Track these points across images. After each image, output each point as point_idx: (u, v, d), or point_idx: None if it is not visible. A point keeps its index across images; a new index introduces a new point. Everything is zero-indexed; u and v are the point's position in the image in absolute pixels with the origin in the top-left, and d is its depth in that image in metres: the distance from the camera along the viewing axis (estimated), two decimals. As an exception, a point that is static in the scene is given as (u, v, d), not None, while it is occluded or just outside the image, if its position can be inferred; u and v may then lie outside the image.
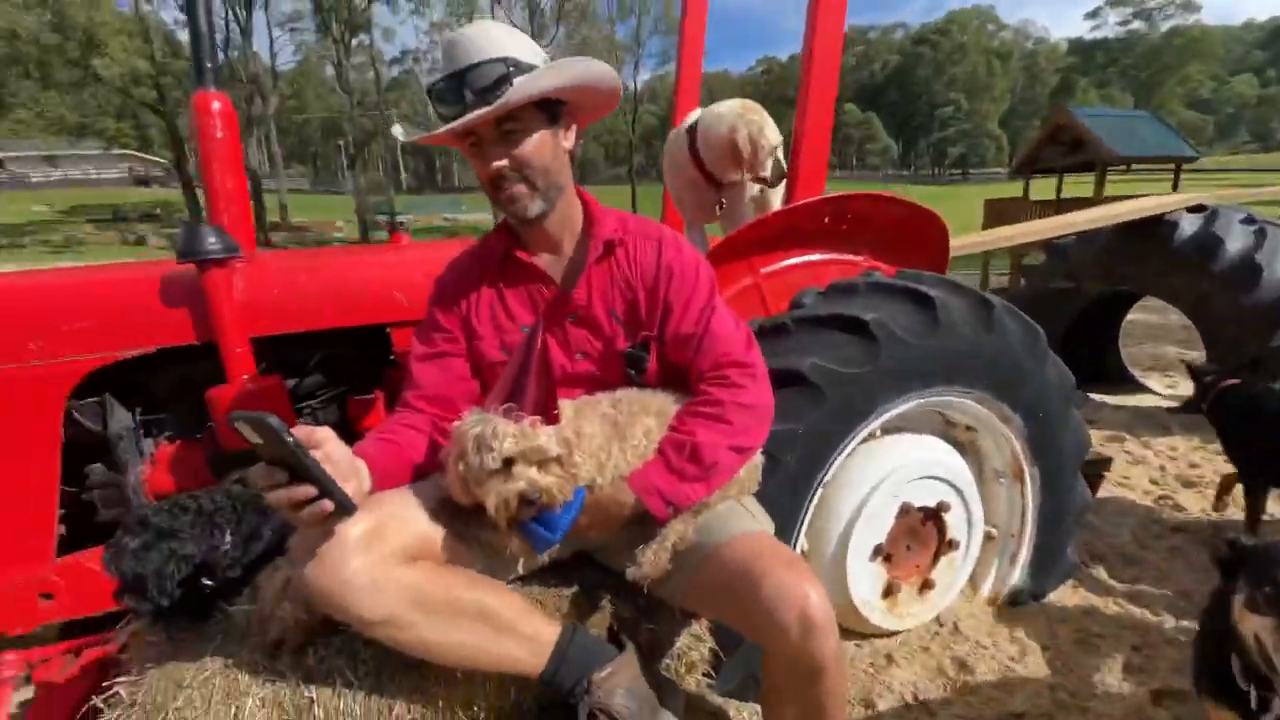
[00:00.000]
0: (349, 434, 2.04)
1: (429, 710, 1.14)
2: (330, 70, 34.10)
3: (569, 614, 1.28)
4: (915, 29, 74.72)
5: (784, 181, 2.29)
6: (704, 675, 1.43)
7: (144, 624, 1.31)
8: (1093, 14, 75.13)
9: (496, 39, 1.17)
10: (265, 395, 1.70)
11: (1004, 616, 2.16)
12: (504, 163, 1.18)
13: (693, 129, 2.38)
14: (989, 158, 69.84)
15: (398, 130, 1.26)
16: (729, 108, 2.25)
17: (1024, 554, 2.15)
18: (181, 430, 1.87)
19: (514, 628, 1.11)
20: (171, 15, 29.51)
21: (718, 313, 1.30)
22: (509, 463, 1.02)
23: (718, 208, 2.42)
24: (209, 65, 1.69)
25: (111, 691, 1.24)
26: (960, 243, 3.11)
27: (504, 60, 1.13)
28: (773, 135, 2.17)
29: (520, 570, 1.30)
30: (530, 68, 1.16)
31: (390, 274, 1.96)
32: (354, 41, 29.18)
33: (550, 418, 1.07)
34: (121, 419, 1.76)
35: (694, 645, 1.40)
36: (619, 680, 1.14)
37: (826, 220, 2.05)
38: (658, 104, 44.57)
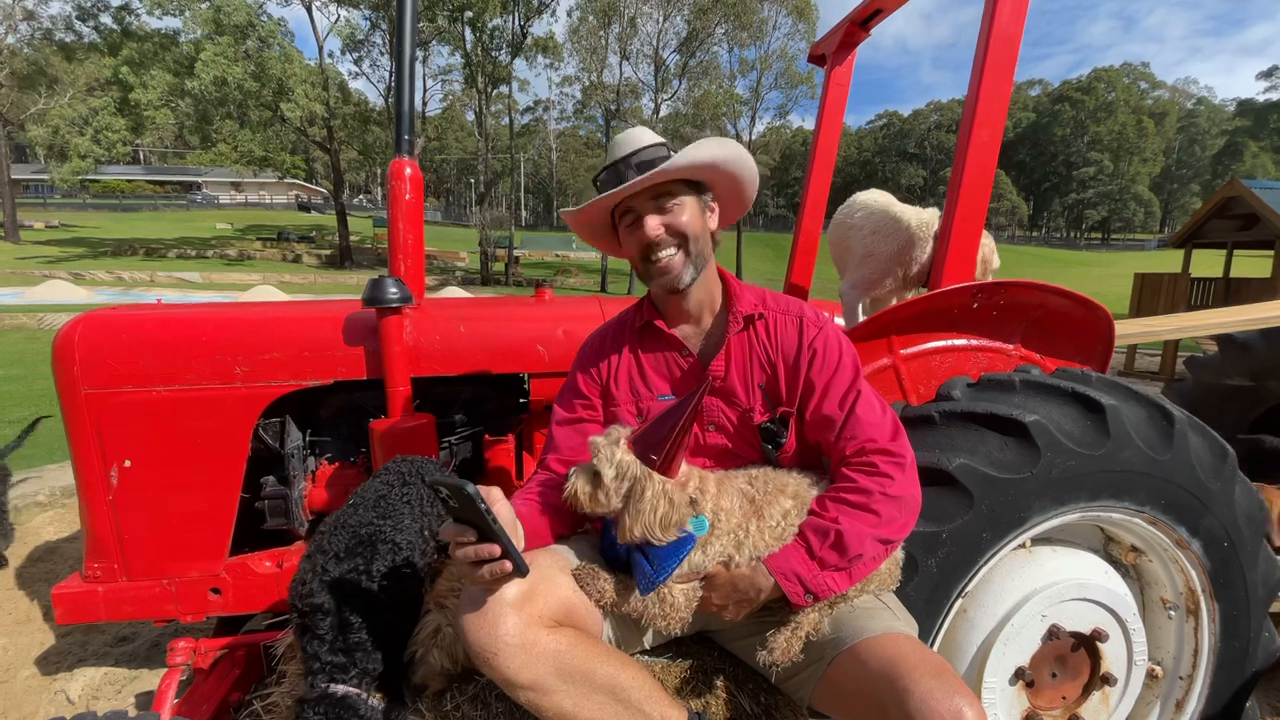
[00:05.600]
0: (481, 471, 2.18)
1: (549, 776, 1.15)
2: (470, 116, 37.59)
3: (690, 697, 1.26)
4: (1055, 87, 70.70)
5: None
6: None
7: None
8: (1267, 73, 67.36)
9: (653, 135, 1.34)
10: (419, 432, 1.85)
11: (1166, 772, 1.86)
12: (660, 230, 1.27)
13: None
14: (1135, 223, 63.87)
15: (564, 210, 1.38)
16: (917, 218, 2.34)
17: (1194, 701, 1.85)
18: (340, 454, 2.06)
19: (642, 708, 1.10)
20: (346, 68, 33.87)
21: (863, 397, 1.27)
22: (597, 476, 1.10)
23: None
24: (407, 138, 1.92)
25: (270, 699, 1.37)
26: (1126, 331, 2.81)
27: (664, 145, 1.33)
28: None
29: (647, 644, 1.30)
30: None
31: (534, 328, 2.08)
32: (494, 92, 32.02)
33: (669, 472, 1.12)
34: (295, 438, 1.97)
35: (815, 750, 1.32)
36: (743, 782, 1.10)
37: (975, 305, 1.96)
38: (769, 154, 45.08)
